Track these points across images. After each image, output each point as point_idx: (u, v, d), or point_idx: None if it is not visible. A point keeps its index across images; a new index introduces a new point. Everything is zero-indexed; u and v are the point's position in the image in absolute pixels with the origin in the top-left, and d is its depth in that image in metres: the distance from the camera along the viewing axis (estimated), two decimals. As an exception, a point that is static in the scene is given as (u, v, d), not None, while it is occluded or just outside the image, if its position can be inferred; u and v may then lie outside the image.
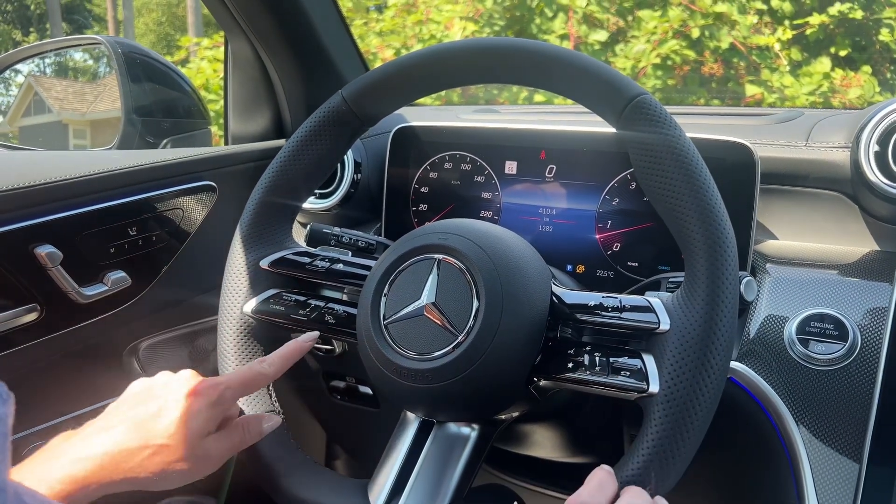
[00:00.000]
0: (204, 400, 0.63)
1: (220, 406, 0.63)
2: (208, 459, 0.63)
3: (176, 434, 0.61)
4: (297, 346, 0.70)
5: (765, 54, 3.82)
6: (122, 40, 1.20)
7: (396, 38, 4.27)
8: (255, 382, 0.67)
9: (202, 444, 0.62)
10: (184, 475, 0.62)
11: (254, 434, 0.67)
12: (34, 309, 0.82)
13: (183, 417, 0.61)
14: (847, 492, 0.69)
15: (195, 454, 0.61)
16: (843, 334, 0.72)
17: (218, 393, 0.63)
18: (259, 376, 0.67)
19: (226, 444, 0.64)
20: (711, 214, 0.58)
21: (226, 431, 0.65)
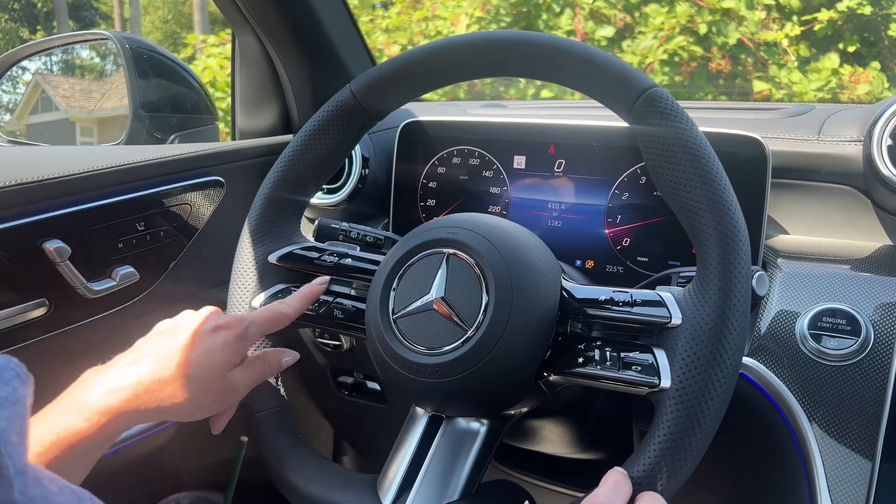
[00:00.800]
0: (231, 333, 0.65)
1: (245, 340, 0.66)
2: (235, 390, 0.66)
3: (205, 365, 0.63)
4: (312, 289, 0.74)
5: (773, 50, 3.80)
6: (130, 36, 1.20)
7: (402, 35, 4.27)
8: (277, 320, 0.70)
9: (229, 376, 0.65)
10: (213, 405, 0.65)
11: (274, 366, 0.70)
12: (43, 304, 0.82)
13: (211, 349, 0.64)
14: (860, 488, 0.68)
15: (223, 385, 0.65)
16: (856, 329, 0.71)
17: (244, 326, 0.66)
18: (281, 315, 0.70)
19: (250, 376, 0.67)
20: (724, 208, 0.57)
21: (248, 363, 0.68)
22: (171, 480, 1.12)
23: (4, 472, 0.29)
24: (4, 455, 0.29)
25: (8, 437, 0.30)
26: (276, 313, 0.70)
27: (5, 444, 0.30)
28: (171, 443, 1.02)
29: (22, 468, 0.30)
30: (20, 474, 0.30)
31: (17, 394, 0.32)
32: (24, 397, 0.33)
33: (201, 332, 0.65)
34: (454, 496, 0.64)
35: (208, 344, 0.64)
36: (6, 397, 0.32)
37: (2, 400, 0.31)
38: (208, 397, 0.64)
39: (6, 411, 0.31)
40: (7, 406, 0.31)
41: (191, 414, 0.64)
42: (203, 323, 0.66)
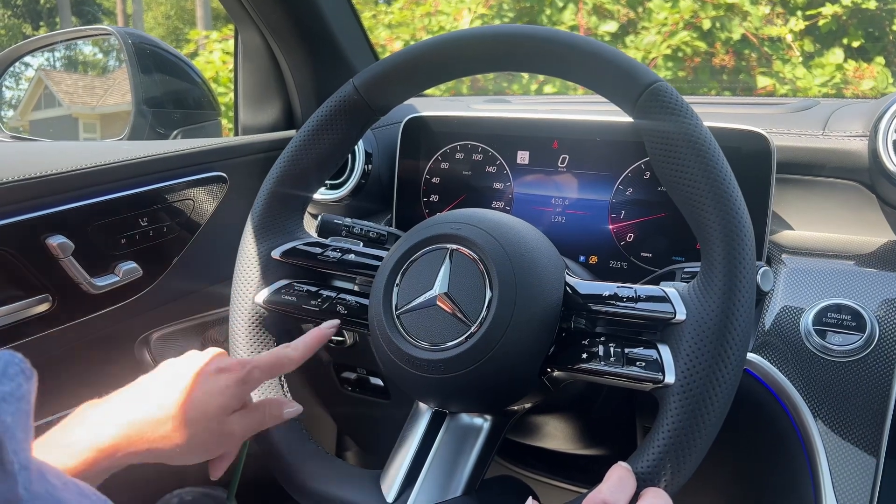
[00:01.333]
0: (232, 376, 0.64)
1: (246, 385, 0.65)
2: (230, 436, 0.64)
3: (202, 409, 0.61)
4: (320, 333, 0.72)
5: (777, 45, 3.78)
6: (133, 31, 1.20)
7: (405, 30, 4.26)
8: (281, 365, 0.68)
9: (226, 422, 0.63)
10: (206, 450, 0.63)
11: (274, 416, 0.68)
12: (46, 299, 0.82)
13: (210, 393, 0.62)
14: (864, 484, 0.68)
15: (219, 430, 0.63)
16: (861, 325, 0.71)
17: (246, 371, 0.65)
18: (286, 359, 0.68)
19: (248, 423, 0.65)
20: (729, 203, 0.57)
21: (247, 411, 0.66)
22: (175, 476, 1.11)
23: (9, 467, 0.29)
24: (9, 451, 0.29)
25: (13, 432, 0.30)
26: (281, 357, 0.68)
27: (10, 439, 0.30)
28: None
29: (26, 464, 0.30)
30: (24, 470, 0.30)
31: (21, 389, 0.32)
32: (29, 393, 0.33)
33: (202, 375, 0.63)
34: (457, 492, 0.64)
35: (207, 387, 0.62)
36: (11, 393, 0.31)
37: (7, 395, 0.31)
38: (202, 442, 0.62)
39: (11, 406, 0.31)
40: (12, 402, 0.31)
41: (182, 458, 0.62)
42: (205, 365, 0.64)
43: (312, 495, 0.68)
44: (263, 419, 0.67)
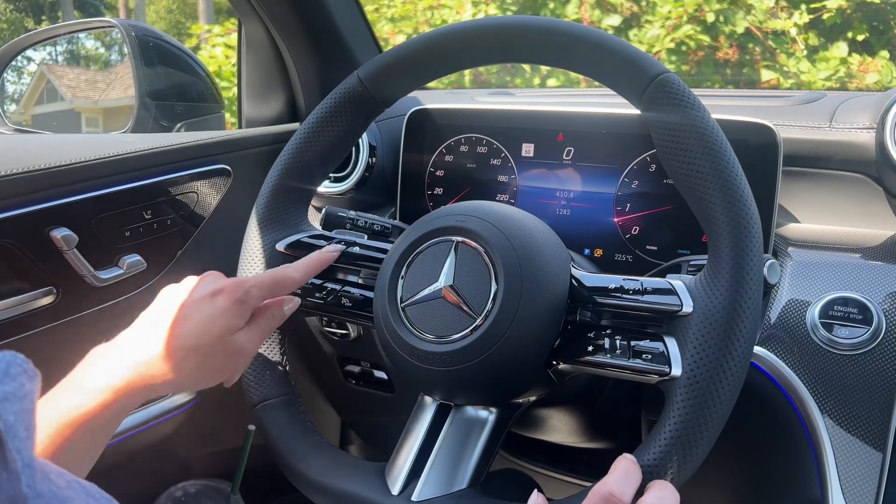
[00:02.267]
0: (229, 298, 0.64)
1: (245, 304, 0.65)
2: (241, 353, 0.65)
3: (204, 334, 0.62)
4: (323, 256, 0.73)
5: (781, 39, 3.77)
6: (136, 23, 1.19)
7: (408, 24, 4.25)
8: (281, 284, 0.69)
9: (232, 340, 0.64)
10: (220, 372, 0.65)
11: (277, 317, 0.69)
12: (50, 292, 0.82)
13: (210, 317, 0.63)
14: (871, 478, 0.68)
15: (228, 349, 0.64)
16: (868, 318, 0.71)
17: (244, 291, 0.65)
18: (286, 279, 0.69)
19: (256, 335, 0.67)
20: (736, 196, 0.57)
21: (252, 324, 0.67)
22: (179, 469, 1.12)
23: (12, 466, 0.29)
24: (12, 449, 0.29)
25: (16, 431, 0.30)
26: (282, 277, 0.69)
27: (13, 438, 0.30)
28: (178, 431, 1.02)
29: (30, 462, 0.30)
30: (28, 468, 0.30)
31: (24, 389, 0.32)
32: (32, 392, 0.33)
33: (199, 301, 0.64)
34: (463, 485, 0.64)
35: (207, 312, 0.63)
36: (14, 392, 0.31)
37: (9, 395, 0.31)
38: (213, 365, 0.63)
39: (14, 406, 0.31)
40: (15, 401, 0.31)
41: (198, 384, 0.64)
42: (201, 290, 0.65)
43: (317, 488, 0.68)
44: (269, 324, 0.68)
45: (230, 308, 0.64)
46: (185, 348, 0.61)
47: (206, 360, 0.62)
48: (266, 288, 0.67)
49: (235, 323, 0.64)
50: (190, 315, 0.63)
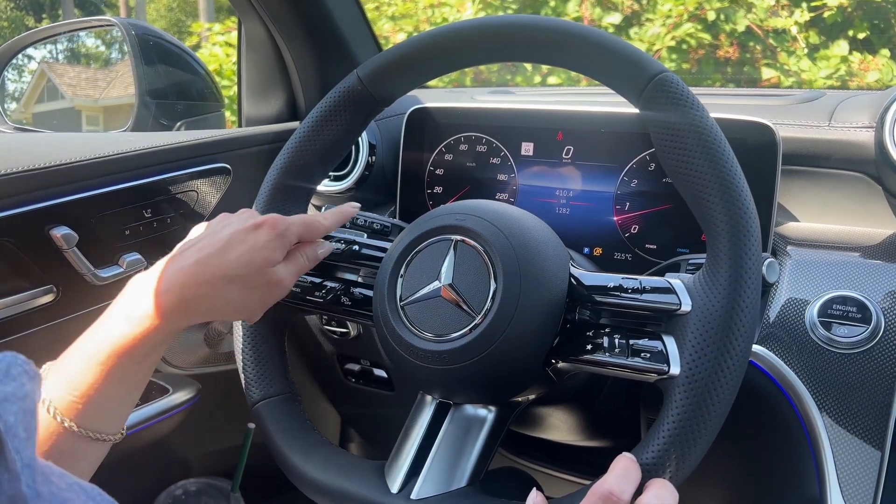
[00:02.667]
0: (271, 232, 0.66)
1: (284, 238, 0.67)
2: (280, 284, 0.67)
3: (247, 264, 0.64)
4: (346, 209, 0.76)
5: (782, 37, 3.76)
6: (136, 22, 1.19)
7: (408, 22, 4.25)
8: (313, 227, 0.72)
9: (272, 272, 0.66)
10: (262, 301, 0.67)
11: (312, 259, 0.72)
12: (50, 291, 0.82)
13: (253, 248, 0.65)
14: (869, 477, 0.68)
15: (268, 280, 0.66)
16: (866, 317, 0.71)
17: (284, 226, 0.68)
18: (317, 223, 0.72)
19: (293, 269, 0.69)
20: (735, 195, 0.57)
21: (289, 260, 0.69)
22: (179, 467, 1.12)
23: (12, 466, 0.29)
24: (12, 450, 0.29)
25: (16, 432, 0.30)
26: (314, 221, 0.72)
27: (13, 438, 0.30)
28: (179, 430, 1.02)
29: (30, 462, 0.31)
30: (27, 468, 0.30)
31: (24, 389, 0.32)
32: (33, 393, 0.33)
33: (241, 232, 0.66)
34: (462, 483, 0.64)
35: (250, 242, 0.65)
36: (14, 393, 0.32)
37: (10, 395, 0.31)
38: (254, 295, 0.66)
39: (14, 406, 0.31)
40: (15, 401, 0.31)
41: (239, 313, 0.67)
42: (243, 221, 0.67)
43: (317, 486, 0.68)
44: (304, 262, 0.71)
45: (272, 241, 0.66)
46: (228, 277, 0.63)
47: (247, 290, 0.65)
48: (301, 227, 0.70)
49: (275, 256, 0.66)
50: (233, 245, 0.65)
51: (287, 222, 0.68)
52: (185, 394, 1.00)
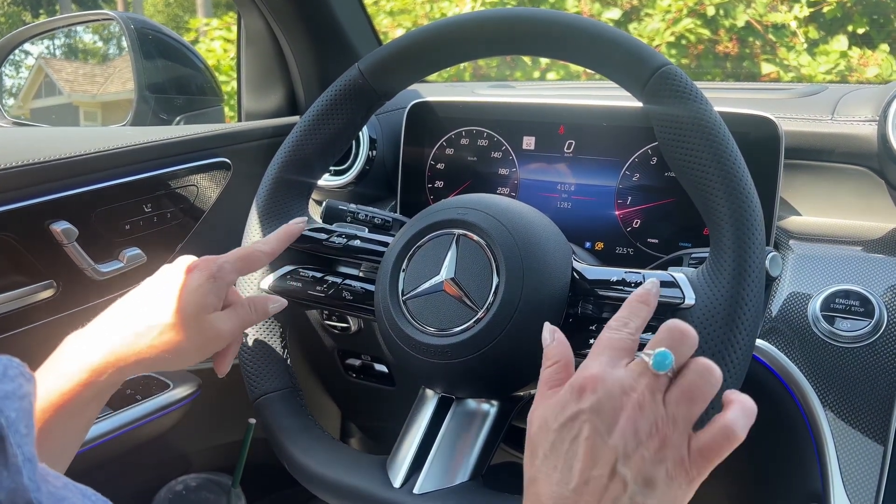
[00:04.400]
0: (202, 274, 0.64)
1: (218, 280, 0.64)
2: (217, 336, 0.64)
3: (179, 310, 0.62)
4: (290, 228, 0.72)
5: (781, 32, 3.76)
6: (135, 16, 1.19)
7: (407, 17, 4.24)
8: (252, 258, 0.68)
9: (209, 320, 0.63)
10: (196, 351, 0.63)
11: (260, 313, 0.68)
12: (50, 286, 0.82)
13: (183, 293, 0.62)
14: (872, 471, 0.68)
15: (202, 329, 0.63)
16: (869, 311, 0.71)
17: (216, 266, 0.65)
18: (256, 252, 0.68)
19: (234, 321, 0.65)
20: (739, 189, 0.57)
21: (232, 309, 0.66)
22: (180, 462, 1.12)
23: (13, 460, 0.30)
24: (14, 444, 0.30)
25: (17, 427, 0.31)
26: (251, 253, 0.68)
27: (15, 433, 0.30)
28: (179, 425, 1.02)
29: (31, 457, 0.31)
30: (29, 462, 0.31)
31: (23, 389, 0.33)
32: (30, 394, 0.34)
33: (171, 279, 0.64)
34: (464, 477, 0.64)
35: (180, 288, 0.63)
36: (14, 391, 0.32)
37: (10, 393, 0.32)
38: (189, 345, 0.62)
39: (14, 404, 0.32)
40: (15, 399, 0.32)
41: (173, 363, 0.63)
42: (174, 269, 0.65)
43: (319, 481, 0.68)
44: (249, 316, 0.67)
45: (203, 284, 0.63)
46: (160, 326, 0.61)
47: (181, 338, 0.62)
48: (236, 262, 0.66)
49: (210, 301, 0.63)
50: (164, 293, 0.63)
51: (219, 261, 0.65)
52: (185, 389, 1.00)
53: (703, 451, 0.46)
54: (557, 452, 0.47)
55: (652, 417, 0.45)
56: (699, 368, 0.47)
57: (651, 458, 0.45)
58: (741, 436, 0.46)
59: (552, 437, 0.47)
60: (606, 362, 0.48)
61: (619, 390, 0.46)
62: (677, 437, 0.46)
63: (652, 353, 0.47)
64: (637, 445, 0.45)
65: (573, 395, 0.48)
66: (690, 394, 0.46)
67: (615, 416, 0.46)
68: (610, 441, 0.45)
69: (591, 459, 0.45)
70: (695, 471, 0.46)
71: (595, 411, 0.46)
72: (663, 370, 0.46)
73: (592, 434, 0.46)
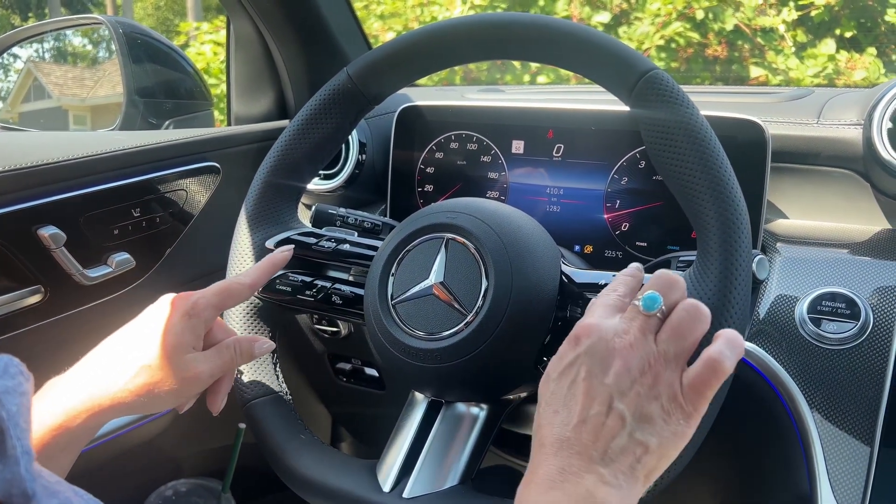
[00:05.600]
0: (176, 312, 0.62)
1: (194, 316, 0.62)
2: (195, 377, 0.61)
3: (154, 351, 0.60)
4: (273, 259, 0.70)
5: (769, 36, 3.78)
6: (123, 20, 1.19)
7: (397, 21, 4.24)
8: (231, 291, 0.65)
9: (185, 361, 0.61)
10: (171, 394, 0.61)
11: (245, 355, 0.66)
12: (38, 291, 0.81)
13: (157, 333, 0.61)
14: (859, 472, 0.68)
15: (179, 371, 0.60)
16: (855, 313, 0.71)
17: (190, 303, 0.62)
18: (236, 285, 0.66)
19: (214, 362, 0.63)
20: (725, 192, 0.57)
21: (214, 350, 0.64)
22: (170, 467, 1.11)
23: (11, 451, 0.30)
24: (13, 437, 0.30)
25: (17, 420, 0.31)
26: (231, 285, 0.66)
27: (14, 426, 0.31)
28: (168, 430, 1.02)
29: (28, 450, 0.31)
30: (26, 455, 0.31)
31: (23, 387, 0.33)
32: (29, 392, 0.34)
33: (149, 319, 0.62)
34: (454, 481, 0.64)
35: (154, 328, 0.61)
36: (14, 388, 0.33)
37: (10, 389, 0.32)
38: (165, 388, 0.60)
39: (16, 399, 0.32)
40: (16, 395, 0.32)
41: (148, 406, 0.61)
42: (151, 309, 0.63)
43: (308, 485, 0.68)
44: (233, 358, 0.64)
45: (178, 322, 0.61)
46: (135, 367, 0.59)
47: (157, 380, 0.60)
48: (213, 298, 0.64)
49: (186, 339, 0.61)
50: (141, 333, 0.61)
51: (195, 297, 0.62)
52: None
53: (693, 385, 0.47)
54: (557, 397, 0.49)
55: (644, 355, 0.48)
56: (686, 306, 0.49)
57: (646, 394, 0.47)
58: (728, 367, 0.47)
59: (552, 386, 0.50)
60: (600, 314, 0.51)
61: (612, 333, 0.49)
62: (669, 373, 0.47)
63: (641, 296, 0.49)
64: (632, 383, 0.47)
65: (570, 344, 0.50)
66: (679, 330, 0.48)
67: (609, 356, 0.48)
68: (605, 380, 0.47)
69: (587, 399, 0.47)
70: (690, 406, 0.47)
71: (589, 354, 0.48)
72: (653, 310, 0.49)
73: (588, 375, 0.48)
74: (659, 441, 0.46)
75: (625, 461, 0.46)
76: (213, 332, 0.66)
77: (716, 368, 0.47)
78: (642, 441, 0.46)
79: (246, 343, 0.66)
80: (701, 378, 0.47)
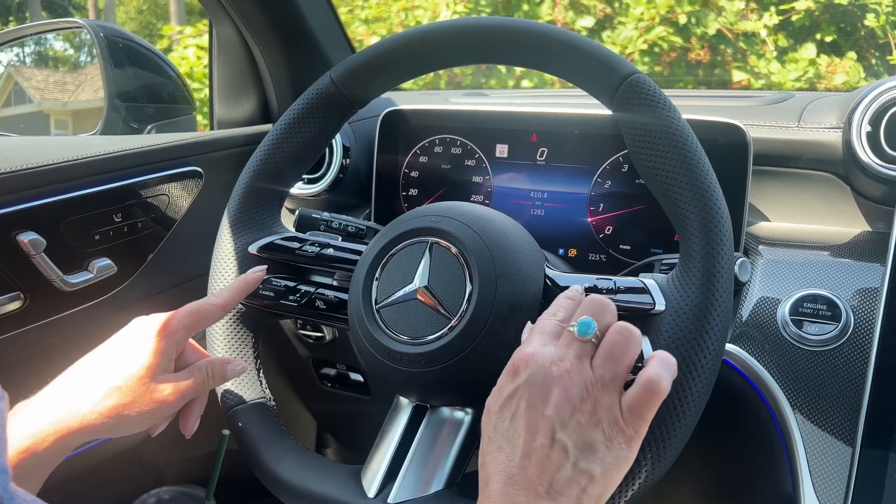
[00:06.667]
0: (147, 333, 0.61)
1: (165, 337, 0.61)
2: (166, 401, 0.60)
3: (124, 373, 0.59)
4: (247, 279, 0.69)
5: (751, 40, 3.82)
6: (105, 24, 1.18)
7: (382, 25, 4.25)
8: (202, 313, 0.65)
9: (156, 383, 0.60)
10: (141, 417, 0.60)
11: (217, 378, 0.65)
12: (18, 297, 0.80)
13: (128, 355, 0.60)
14: (841, 473, 0.69)
15: (149, 393, 0.59)
16: (836, 315, 0.72)
17: (161, 323, 0.62)
18: (207, 306, 0.65)
19: (186, 385, 0.62)
20: (706, 195, 0.57)
21: (186, 372, 0.63)
22: (153, 475, 1.10)
23: None
24: None
25: None
26: (203, 306, 0.65)
27: None
28: (151, 437, 1.01)
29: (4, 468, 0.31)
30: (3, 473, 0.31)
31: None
32: (3, 410, 0.34)
33: (118, 341, 0.61)
34: (439, 486, 0.64)
35: (123, 350, 0.60)
36: None
37: None
38: (135, 408, 0.59)
39: None
40: None
41: (118, 429, 0.60)
42: (120, 333, 0.62)
43: (292, 491, 0.68)
44: (205, 381, 0.63)
45: (150, 344, 0.60)
46: (104, 389, 0.58)
47: (126, 402, 0.59)
48: (185, 318, 0.63)
49: (157, 361, 0.60)
50: (111, 355, 0.60)
51: (165, 318, 0.61)
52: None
53: (632, 408, 0.48)
54: (499, 432, 0.49)
55: (581, 382, 0.48)
56: (618, 329, 0.51)
57: (587, 421, 0.47)
58: (665, 387, 0.48)
59: (494, 420, 0.50)
60: (537, 343, 0.51)
61: (549, 362, 0.49)
62: (608, 398, 0.48)
63: (576, 323, 0.50)
64: (572, 412, 0.47)
65: (509, 376, 0.51)
66: (613, 353, 0.49)
67: (548, 386, 0.48)
68: (546, 411, 0.48)
69: (530, 432, 0.47)
70: (631, 429, 0.48)
71: (529, 385, 0.49)
72: (587, 335, 0.50)
73: (528, 407, 0.48)
74: (603, 468, 0.47)
75: (571, 493, 0.46)
76: (186, 353, 0.65)
77: (654, 389, 0.48)
78: (586, 470, 0.47)
79: (219, 365, 0.65)
80: (639, 400, 0.48)
